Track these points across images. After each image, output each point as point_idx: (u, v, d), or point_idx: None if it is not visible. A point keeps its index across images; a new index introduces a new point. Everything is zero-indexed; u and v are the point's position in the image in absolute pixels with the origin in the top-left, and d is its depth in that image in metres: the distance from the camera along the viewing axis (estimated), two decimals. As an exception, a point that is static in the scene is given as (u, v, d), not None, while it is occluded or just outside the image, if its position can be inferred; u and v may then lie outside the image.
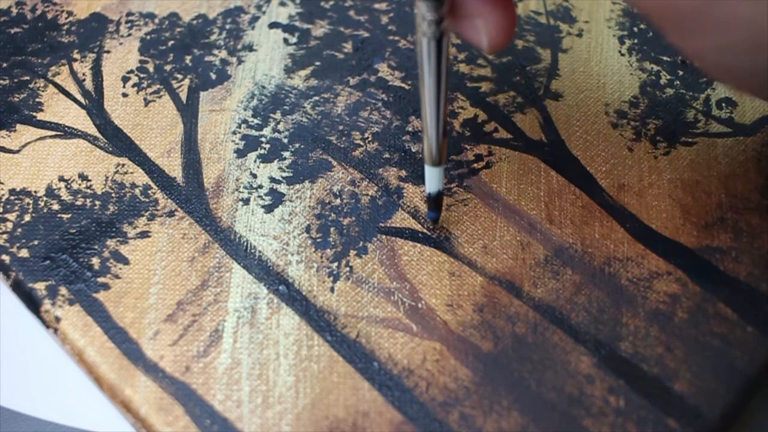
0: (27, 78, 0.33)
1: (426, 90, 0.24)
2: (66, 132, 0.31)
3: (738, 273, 0.27)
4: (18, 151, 0.31)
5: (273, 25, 0.35)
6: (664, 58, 0.33)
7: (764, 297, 0.27)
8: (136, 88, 0.32)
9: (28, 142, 0.31)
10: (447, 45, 0.23)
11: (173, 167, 0.30)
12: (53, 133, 0.31)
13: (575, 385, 0.25)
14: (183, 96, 0.32)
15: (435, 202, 0.28)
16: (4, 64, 0.33)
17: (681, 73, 0.32)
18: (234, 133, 0.31)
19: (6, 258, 0.28)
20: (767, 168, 0.30)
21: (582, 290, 0.27)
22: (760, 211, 0.29)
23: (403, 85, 0.32)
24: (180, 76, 0.33)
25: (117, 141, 0.31)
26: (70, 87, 0.32)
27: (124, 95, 0.32)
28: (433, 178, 0.27)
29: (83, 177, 0.30)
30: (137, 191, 0.30)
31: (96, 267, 0.28)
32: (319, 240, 0.28)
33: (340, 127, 0.31)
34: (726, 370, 0.25)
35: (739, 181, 0.29)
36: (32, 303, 0.27)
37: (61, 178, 0.30)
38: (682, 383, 0.25)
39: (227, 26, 0.34)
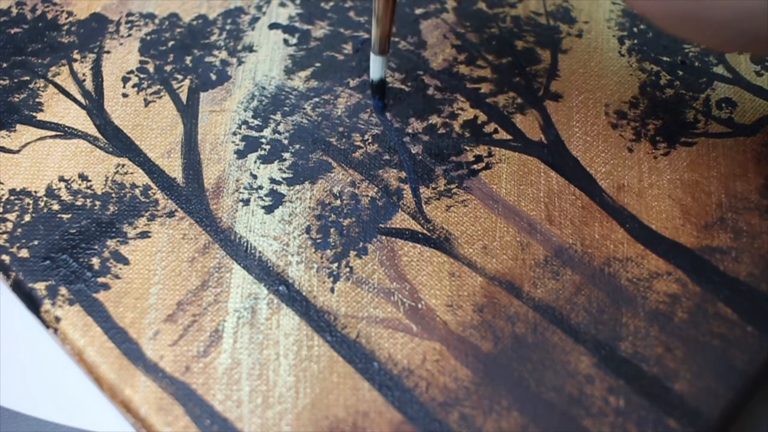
0: (27, 78, 0.33)
1: None
2: (66, 132, 0.31)
3: (738, 273, 0.27)
4: (18, 151, 0.31)
5: (273, 26, 0.35)
6: (664, 59, 0.33)
7: (764, 297, 0.27)
8: (136, 89, 0.32)
9: (28, 142, 0.31)
10: None
11: (173, 168, 0.30)
12: (53, 133, 0.31)
13: (575, 385, 0.25)
14: (183, 96, 0.32)
15: (377, 88, 0.31)
16: (4, 64, 0.33)
17: (681, 73, 0.32)
18: (234, 133, 0.31)
19: (6, 258, 0.28)
20: (767, 168, 0.30)
21: (582, 290, 0.27)
22: (760, 211, 0.29)
23: (402, 86, 0.32)
24: (180, 77, 0.33)
25: (117, 141, 0.31)
26: (70, 87, 0.33)
27: (124, 95, 0.32)
28: (376, 66, 0.30)
29: (83, 177, 0.30)
30: (137, 191, 0.30)
31: (96, 267, 0.28)
32: (319, 241, 0.28)
33: (340, 129, 0.31)
34: (726, 370, 0.25)
35: (739, 181, 0.29)
36: (32, 303, 0.27)
37: (61, 179, 0.30)
38: (682, 383, 0.25)
39: (227, 27, 0.34)
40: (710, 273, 0.27)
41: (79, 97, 0.32)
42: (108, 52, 0.34)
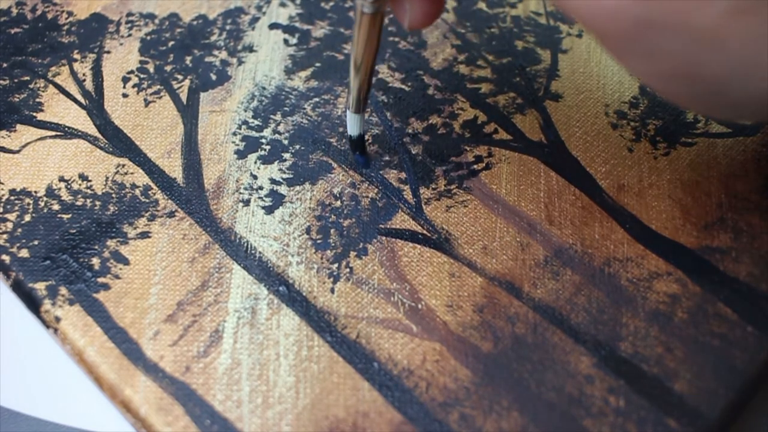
0: (27, 78, 0.33)
1: (359, 56, 0.26)
2: (66, 132, 0.31)
3: (738, 273, 0.27)
4: (18, 151, 0.31)
5: (273, 26, 0.35)
6: (664, 59, 0.33)
7: (764, 297, 0.27)
8: (136, 89, 0.32)
9: (29, 142, 0.31)
10: (381, 18, 0.26)
11: (173, 168, 0.30)
12: (53, 133, 0.31)
13: (575, 385, 0.25)
14: (183, 97, 0.32)
15: (357, 144, 0.30)
16: (5, 64, 0.33)
17: (681, 74, 0.32)
18: (234, 134, 0.31)
19: (6, 258, 0.28)
20: (767, 168, 0.30)
21: (582, 291, 0.27)
22: (760, 211, 0.29)
23: (402, 86, 0.32)
24: (180, 77, 0.33)
25: (117, 141, 0.31)
26: (71, 87, 0.33)
27: (125, 96, 0.32)
28: (354, 123, 0.29)
29: (83, 177, 0.30)
30: (137, 192, 0.30)
31: (96, 267, 0.28)
32: (319, 241, 0.28)
33: (341, 129, 0.31)
34: (726, 370, 0.25)
35: (739, 182, 0.29)
36: (32, 303, 0.27)
37: (62, 179, 0.30)
38: (682, 383, 0.25)
39: (227, 27, 0.34)
40: (710, 273, 0.27)
41: (79, 97, 0.32)
42: (108, 52, 0.34)
